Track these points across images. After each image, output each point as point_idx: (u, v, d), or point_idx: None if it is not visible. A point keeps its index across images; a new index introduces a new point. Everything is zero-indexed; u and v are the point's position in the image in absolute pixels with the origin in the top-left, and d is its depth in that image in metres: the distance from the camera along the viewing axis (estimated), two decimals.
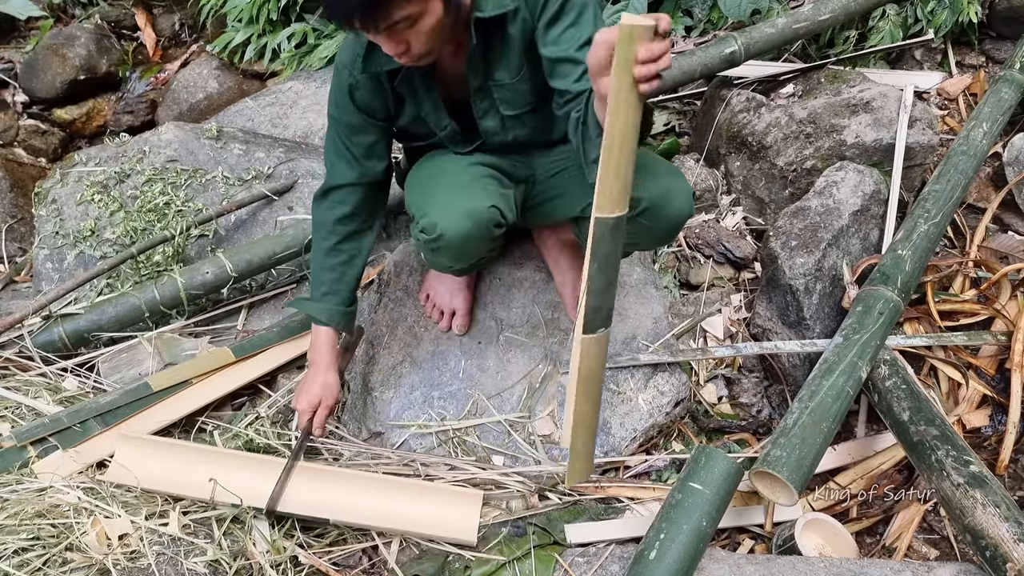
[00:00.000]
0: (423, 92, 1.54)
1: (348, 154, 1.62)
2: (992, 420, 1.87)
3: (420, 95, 1.55)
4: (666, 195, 1.50)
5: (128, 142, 2.35)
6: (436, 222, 1.49)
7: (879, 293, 1.80)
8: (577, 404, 1.32)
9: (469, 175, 1.58)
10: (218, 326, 2.16)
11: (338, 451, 1.82)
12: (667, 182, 1.51)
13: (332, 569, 1.57)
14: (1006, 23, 2.64)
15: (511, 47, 1.47)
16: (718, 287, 2.22)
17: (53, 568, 1.44)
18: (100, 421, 1.78)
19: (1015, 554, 1.32)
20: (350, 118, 1.58)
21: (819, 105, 2.30)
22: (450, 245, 1.52)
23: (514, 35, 1.45)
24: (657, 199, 1.50)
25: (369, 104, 1.56)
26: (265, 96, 2.78)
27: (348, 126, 1.59)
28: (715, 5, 2.75)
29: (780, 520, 1.68)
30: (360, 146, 1.62)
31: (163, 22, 3.44)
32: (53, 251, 2.20)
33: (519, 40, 1.46)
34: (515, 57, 1.49)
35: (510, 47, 1.47)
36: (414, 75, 1.50)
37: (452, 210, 1.49)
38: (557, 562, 1.53)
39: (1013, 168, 2.27)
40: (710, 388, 2.02)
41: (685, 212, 1.54)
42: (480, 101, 1.57)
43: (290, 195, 2.30)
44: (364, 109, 1.56)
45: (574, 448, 1.40)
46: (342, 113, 1.58)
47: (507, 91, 1.54)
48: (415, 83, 1.53)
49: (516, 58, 1.49)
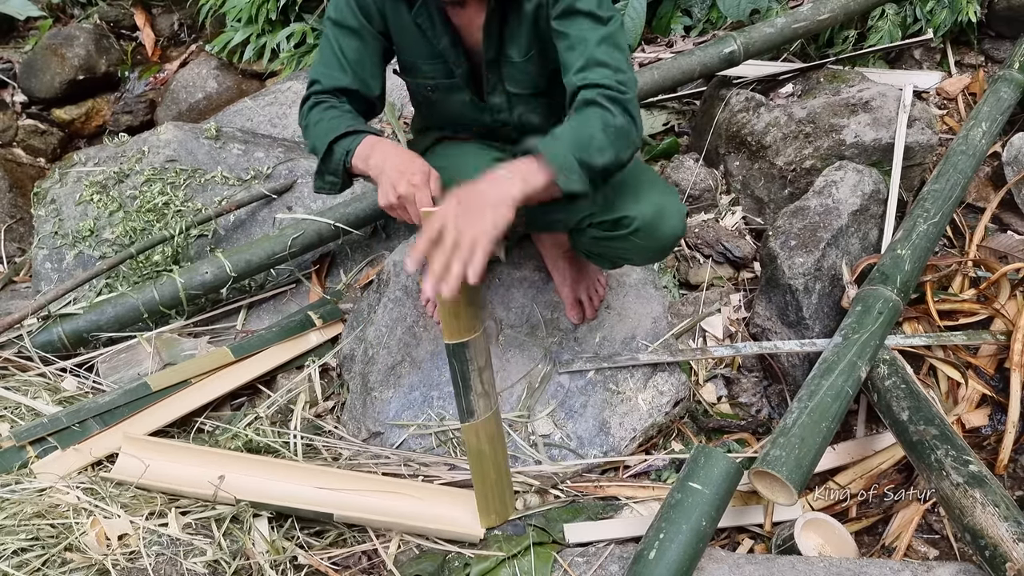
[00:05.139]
0: (441, 27, 1.50)
1: (343, 59, 1.51)
2: (991, 420, 1.87)
3: (438, 30, 1.50)
4: (659, 214, 1.50)
5: (127, 142, 2.35)
6: None
7: (878, 293, 1.80)
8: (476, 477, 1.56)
9: (485, 162, 1.56)
10: (217, 326, 2.16)
11: (337, 451, 1.83)
12: (660, 200, 1.51)
13: (332, 569, 1.57)
14: (1005, 23, 2.64)
15: (524, 25, 1.46)
16: (717, 287, 2.22)
17: (52, 568, 1.44)
18: (99, 421, 1.77)
19: (1014, 553, 1.32)
20: (349, 20, 1.50)
21: (818, 105, 2.30)
22: None
23: (528, 13, 1.44)
24: (649, 218, 1.50)
25: (368, 9, 1.50)
26: (264, 96, 2.78)
27: (347, 30, 1.51)
28: (714, 5, 2.76)
29: (779, 520, 1.68)
30: (354, 54, 1.52)
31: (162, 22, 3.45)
32: (52, 251, 2.20)
33: (532, 20, 1.45)
34: (526, 36, 1.48)
35: (523, 25, 1.46)
36: (434, 13, 1.47)
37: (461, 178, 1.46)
38: (556, 561, 1.53)
39: (1012, 167, 2.27)
40: (709, 388, 2.02)
41: (677, 231, 1.54)
42: (491, 74, 1.56)
43: (289, 195, 2.30)
44: (365, 11, 1.50)
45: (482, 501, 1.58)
46: (343, 14, 1.51)
47: (516, 69, 1.53)
48: (435, 18, 1.49)
49: (527, 37, 1.48)
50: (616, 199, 1.53)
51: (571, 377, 1.87)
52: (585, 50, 1.38)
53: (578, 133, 1.30)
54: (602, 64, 1.36)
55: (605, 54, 1.37)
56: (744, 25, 2.56)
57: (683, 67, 2.32)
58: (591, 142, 1.29)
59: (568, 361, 1.88)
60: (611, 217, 1.52)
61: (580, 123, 1.32)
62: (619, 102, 1.33)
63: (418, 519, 1.62)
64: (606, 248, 1.61)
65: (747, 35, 2.35)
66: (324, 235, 2.16)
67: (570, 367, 1.86)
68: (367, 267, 2.30)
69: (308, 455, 1.81)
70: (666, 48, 2.75)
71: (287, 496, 1.62)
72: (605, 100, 1.33)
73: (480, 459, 1.53)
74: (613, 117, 1.32)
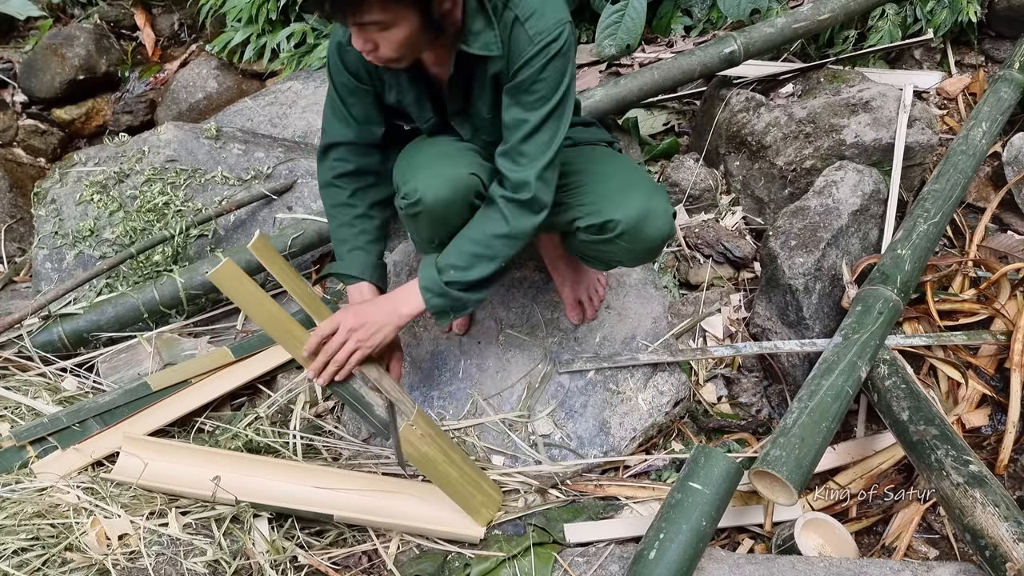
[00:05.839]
0: (407, 83, 1.52)
1: (344, 112, 1.59)
2: (991, 420, 1.87)
3: (404, 85, 1.53)
4: (644, 216, 1.50)
5: (127, 142, 2.35)
6: (417, 187, 1.47)
7: (878, 293, 1.80)
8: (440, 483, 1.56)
9: (454, 148, 1.57)
10: (217, 326, 2.16)
11: (337, 451, 1.83)
12: (645, 202, 1.50)
13: (332, 569, 1.57)
14: (1005, 23, 2.64)
15: (487, 87, 1.47)
16: (717, 287, 2.22)
17: (52, 568, 1.44)
18: (99, 421, 1.78)
19: (1014, 553, 1.32)
20: (341, 77, 1.55)
21: (818, 105, 2.30)
22: (429, 211, 1.49)
23: (490, 77, 1.45)
24: (634, 221, 1.49)
25: (356, 68, 1.53)
26: (264, 96, 2.78)
27: (341, 85, 1.56)
28: (714, 5, 2.76)
29: (780, 520, 1.68)
30: (354, 106, 1.58)
31: (162, 22, 3.45)
32: (52, 251, 2.20)
33: (493, 84, 1.47)
34: (490, 96, 1.49)
35: (487, 87, 1.47)
36: (400, 72, 1.49)
37: (433, 175, 1.48)
38: (556, 561, 1.53)
39: (1012, 167, 2.27)
40: (710, 388, 2.02)
41: (664, 233, 1.53)
42: (460, 125, 1.58)
43: (289, 195, 2.30)
44: (351, 71, 1.54)
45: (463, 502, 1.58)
46: (335, 71, 1.56)
47: (485, 122, 1.55)
48: (400, 77, 1.51)
49: (491, 97, 1.49)
50: (601, 202, 1.52)
51: (571, 377, 1.87)
52: (512, 136, 1.43)
53: (465, 246, 1.46)
54: (520, 156, 1.42)
55: (529, 146, 1.41)
56: (744, 25, 2.56)
57: (683, 67, 2.32)
58: (476, 259, 1.45)
59: (568, 361, 1.88)
60: (597, 221, 1.52)
61: (476, 229, 1.47)
62: (520, 204, 1.43)
63: (418, 519, 1.62)
64: (596, 251, 1.61)
65: (747, 35, 2.35)
66: (324, 235, 2.16)
67: (570, 367, 1.86)
68: None
69: (308, 455, 1.81)
70: (666, 48, 2.75)
71: (287, 496, 1.62)
72: (505, 204, 1.44)
73: (431, 464, 1.53)
74: (507, 224, 1.44)
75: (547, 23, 1.35)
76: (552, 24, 1.35)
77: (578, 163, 1.59)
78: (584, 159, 1.62)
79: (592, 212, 1.53)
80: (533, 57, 1.36)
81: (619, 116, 2.60)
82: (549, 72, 1.37)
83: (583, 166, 1.59)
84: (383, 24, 1.25)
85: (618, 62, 2.68)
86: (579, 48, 2.84)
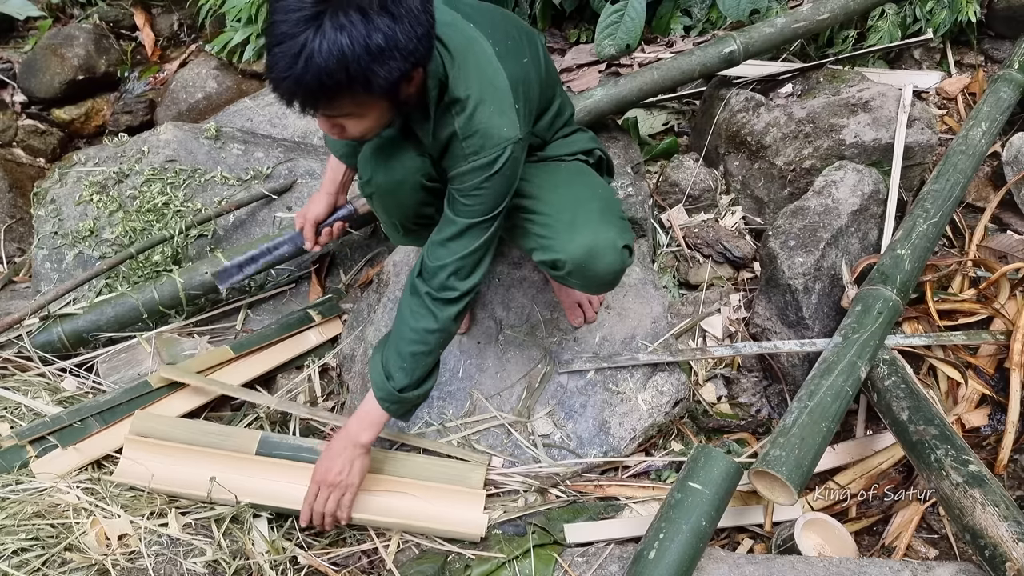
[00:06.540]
0: None
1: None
2: (991, 419, 1.87)
3: None
4: (590, 254, 1.47)
5: (127, 142, 2.35)
6: (372, 172, 1.50)
7: (878, 292, 1.80)
8: None
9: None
10: (217, 326, 2.16)
11: None
12: (591, 240, 1.47)
13: (331, 569, 1.57)
14: (1005, 23, 2.64)
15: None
16: (717, 287, 2.22)
17: (52, 568, 1.44)
18: (99, 420, 1.77)
19: (1014, 553, 1.32)
20: None
21: (818, 105, 2.30)
22: (381, 193, 1.51)
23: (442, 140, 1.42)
24: (580, 259, 1.48)
25: None
26: (264, 96, 2.77)
27: None
28: (714, 5, 2.75)
29: (779, 520, 1.68)
30: None
31: (162, 22, 3.44)
32: (52, 251, 2.20)
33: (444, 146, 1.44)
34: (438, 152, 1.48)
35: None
36: None
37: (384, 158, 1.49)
38: (557, 561, 1.53)
39: (1012, 167, 2.27)
40: (709, 388, 2.02)
41: (614, 269, 1.51)
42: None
43: (289, 195, 2.30)
44: None
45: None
46: None
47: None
48: None
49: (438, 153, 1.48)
50: (552, 237, 1.51)
51: (571, 377, 1.87)
52: (441, 229, 1.43)
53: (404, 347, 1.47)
54: (442, 250, 1.42)
55: (454, 246, 1.42)
56: (744, 25, 2.56)
57: (683, 67, 2.32)
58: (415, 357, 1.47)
59: (568, 361, 1.88)
60: (547, 258, 1.52)
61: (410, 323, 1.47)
62: (441, 301, 1.45)
63: (418, 519, 1.62)
64: (558, 280, 1.60)
65: (747, 35, 2.34)
66: None
67: (570, 367, 1.86)
68: (367, 267, 2.30)
69: None
70: (666, 48, 2.74)
71: (287, 496, 1.62)
72: (430, 300, 1.45)
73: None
74: (436, 320, 1.45)
75: (487, 143, 1.33)
76: (491, 145, 1.33)
77: (537, 182, 1.55)
78: (543, 181, 1.57)
79: (544, 247, 1.52)
80: (466, 173, 1.36)
81: (619, 116, 2.60)
82: (484, 190, 1.36)
83: (540, 192, 1.55)
84: (352, 115, 1.26)
85: (618, 62, 2.68)
86: (579, 48, 2.84)
